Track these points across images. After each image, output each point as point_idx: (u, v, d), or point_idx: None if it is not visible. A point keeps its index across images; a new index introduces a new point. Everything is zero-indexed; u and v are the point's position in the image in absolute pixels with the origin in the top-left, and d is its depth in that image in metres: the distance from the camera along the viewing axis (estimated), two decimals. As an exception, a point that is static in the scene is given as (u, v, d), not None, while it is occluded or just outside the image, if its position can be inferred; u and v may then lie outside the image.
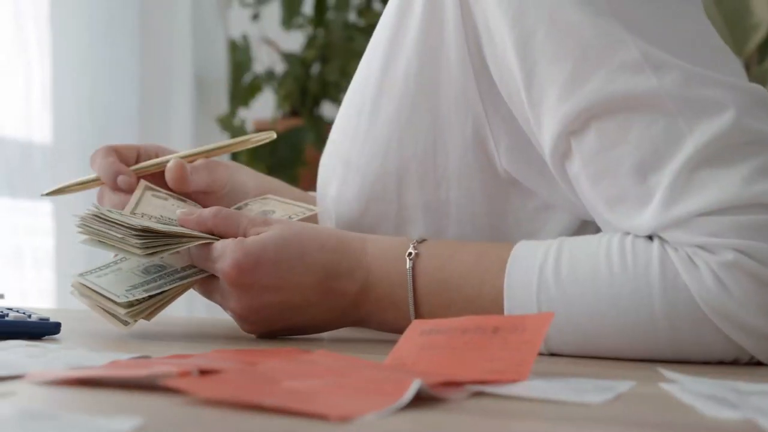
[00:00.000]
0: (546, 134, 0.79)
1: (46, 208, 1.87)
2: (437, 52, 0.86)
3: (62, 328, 0.82)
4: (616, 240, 0.76)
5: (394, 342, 0.70)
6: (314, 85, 2.64)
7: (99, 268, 0.88)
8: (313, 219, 0.95)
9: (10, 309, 0.86)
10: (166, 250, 0.83)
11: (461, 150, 0.87)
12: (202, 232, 0.85)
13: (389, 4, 0.92)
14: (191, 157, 0.97)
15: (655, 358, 0.74)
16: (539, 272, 0.76)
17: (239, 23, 2.69)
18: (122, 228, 0.83)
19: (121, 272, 0.86)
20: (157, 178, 0.96)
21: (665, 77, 0.74)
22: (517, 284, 0.77)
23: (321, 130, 2.56)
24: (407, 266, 0.81)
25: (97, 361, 0.65)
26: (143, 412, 0.49)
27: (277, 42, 2.70)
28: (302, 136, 2.53)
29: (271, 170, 2.39)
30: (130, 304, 0.82)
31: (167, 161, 0.96)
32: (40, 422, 0.45)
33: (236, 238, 0.83)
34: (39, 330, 0.80)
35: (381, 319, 0.84)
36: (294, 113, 2.64)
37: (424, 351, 0.67)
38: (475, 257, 0.80)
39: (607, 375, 0.66)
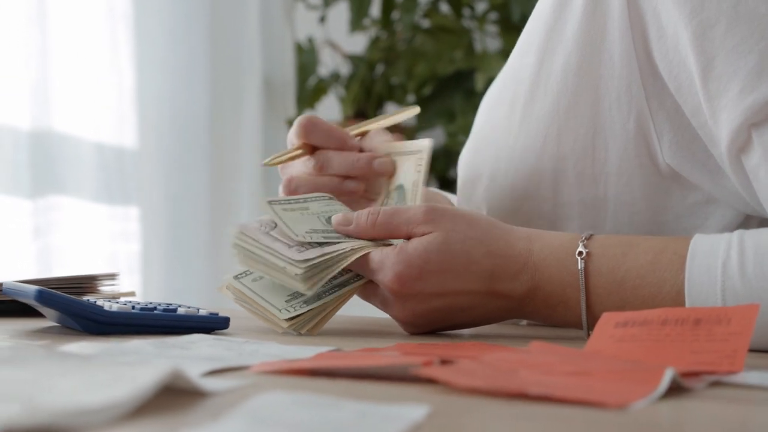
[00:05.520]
0: (724, 127, 0.78)
1: (134, 213, 1.88)
2: (599, 47, 0.85)
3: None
4: (803, 232, 0.75)
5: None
6: (379, 87, 2.63)
7: (251, 270, 0.87)
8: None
9: (170, 304, 0.86)
10: (327, 274, 0.82)
11: (622, 145, 0.86)
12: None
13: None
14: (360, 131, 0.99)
15: None
16: (722, 268, 0.75)
17: (303, 26, 2.69)
18: (281, 258, 0.82)
19: None
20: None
21: None
22: (699, 282, 0.76)
23: (389, 131, 2.55)
24: (579, 267, 0.80)
25: (299, 354, 0.65)
26: (409, 399, 0.49)
27: (339, 44, 2.70)
28: (370, 138, 2.52)
29: (340, 172, 2.38)
30: (291, 318, 0.82)
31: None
32: (330, 410, 0.45)
33: (396, 245, 0.82)
34: (210, 324, 0.80)
35: (547, 315, 0.83)
36: (361, 115, 2.64)
37: (624, 343, 0.67)
38: (650, 256, 0.79)
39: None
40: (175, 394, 0.48)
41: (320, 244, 0.83)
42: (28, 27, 1.72)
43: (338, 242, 0.83)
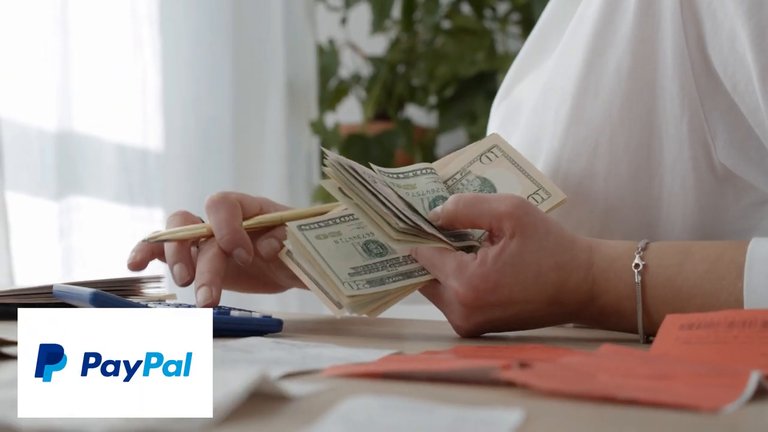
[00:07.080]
0: (782, 126, 0.78)
1: (158, 215, 1.88)
2: (653, 46, 0.84)
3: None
4: None
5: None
6: (400, 89, 2.63)
7: (317, 223, 0.83)
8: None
9: (221, 307, 0.85)
10: (415, 243, 0.79)
11: (676, 145, 0.85)
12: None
13: (589, 1, 0.90)
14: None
15: None
16: None
17: (323, 28, 2.68)
18: (387, 203, 0.79)
19: (341, 240, 0.82)
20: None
21: None
22: (759, 289, 0.75)
23: (410, 133, 2.55)
24: (635, 280, 0.79)
25: (364, 357, 0.65)
26: (492, 403, 0.48)
27: (360, 46, 2.69)
28: (393, 140, 2.52)
29: (362, 174, 2.38)
30: (352, 296, 0.78)
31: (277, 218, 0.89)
32: (424, 415, 0.44)
33: (475, 253, 0.80)
34: (265, 327, 0.79)
35: (601, 322, 0.82)
36: (382, 116, 2.63)
37: (690, 346, 0.66)
38: (707, 265, 0.78)
39: None
40: (258, 399, 0.48)
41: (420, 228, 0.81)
42: (54, 28, 1.72)
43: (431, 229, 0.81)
